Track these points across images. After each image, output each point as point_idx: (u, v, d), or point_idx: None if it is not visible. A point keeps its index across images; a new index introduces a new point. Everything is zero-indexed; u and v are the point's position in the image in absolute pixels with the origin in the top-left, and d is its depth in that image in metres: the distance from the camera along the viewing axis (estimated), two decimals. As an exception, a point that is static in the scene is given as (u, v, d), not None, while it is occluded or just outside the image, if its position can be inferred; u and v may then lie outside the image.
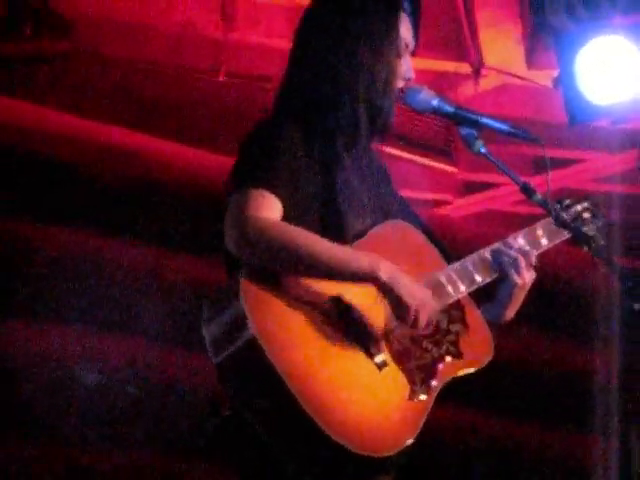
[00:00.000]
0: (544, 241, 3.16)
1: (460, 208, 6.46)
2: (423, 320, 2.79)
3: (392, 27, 2.99)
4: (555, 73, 5.36)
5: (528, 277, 3.07)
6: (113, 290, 5.25)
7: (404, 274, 2.79)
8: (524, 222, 3.22)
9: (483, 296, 3.10)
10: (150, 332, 5.27)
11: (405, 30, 3.03)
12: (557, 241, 3.18)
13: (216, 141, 5.15)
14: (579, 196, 3.28)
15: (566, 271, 5.73)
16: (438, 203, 6.45)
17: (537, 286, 3.11)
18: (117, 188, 5.31)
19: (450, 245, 3.13)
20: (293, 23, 3.08)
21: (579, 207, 3.26)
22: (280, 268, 2.73)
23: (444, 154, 6.05)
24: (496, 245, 3.10)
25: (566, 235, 3.17)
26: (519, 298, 3.09)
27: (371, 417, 2.73)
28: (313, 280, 2.76)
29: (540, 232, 3.16)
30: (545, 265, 3.19)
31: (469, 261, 3.03)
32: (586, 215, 3.26)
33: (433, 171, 6.09)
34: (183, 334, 5.20)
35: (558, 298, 5.91)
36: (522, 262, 3.06)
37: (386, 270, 2.76)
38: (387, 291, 2.77)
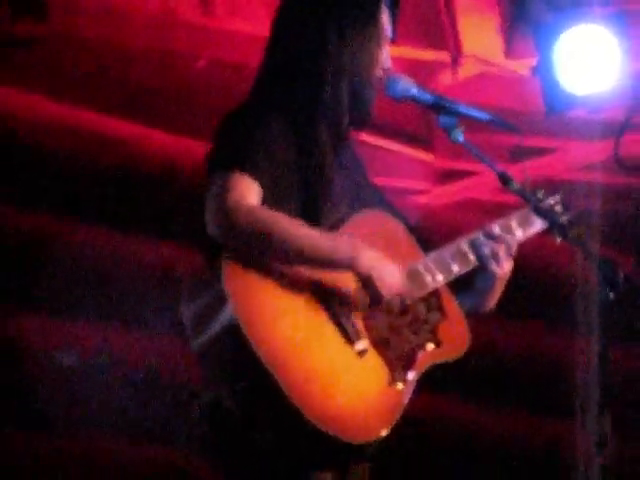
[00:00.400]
0: (519, 233, 3.18)
1: (439, 196, 6.47)
2: (395, 302, 2.82)
3: (374, 17, 3.00)
4: (534, 62, 5.37)
5: (507, 267, 3.09)
6: (93, 276, 5.24)
7: (383, 260, 2.82)
8: (503, 210, 3.24)
9: (462, 286, 3.12)
10: (132, 318, 5.26)
11: (385, 20, 3.05)
12: (531, 232, 3.21)
13: (193, 127, 5.14)
14: (551, 189, 3.30)
15: (543, 260, 5.75)
16: (416, 191, 6.45)
17: (515, 275, 3.14)
18: (91, 173, 5.28)
19: (429, 233, 3.15)
20: (274, 10, 3.07)
21: (551, 200, 3.29)
22: (263, 253, 2.74)
23: (422, 142, 6.06)
24: (475, 235, 3.12)
25: (539, 227, 3.19)
26: (499, 288, 3.12)
27: (351, 404, 2.74)
28: (294, 265, 2.77)
29: (514, 223, 3.18)
30: (522, 254, 3.21)
31: (447, 251, 3.05)
32: (558, 208, 3.29)
33: (411, 159, 6.09)
34: (166, 321, 5.20)
35: (535, 286, 5.94)
36: (501, 252, 3.08)
37: (364, 261, 2.79)
38: (364, 280, 2.80)
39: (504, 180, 3.05)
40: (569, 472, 5.94)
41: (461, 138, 3.07)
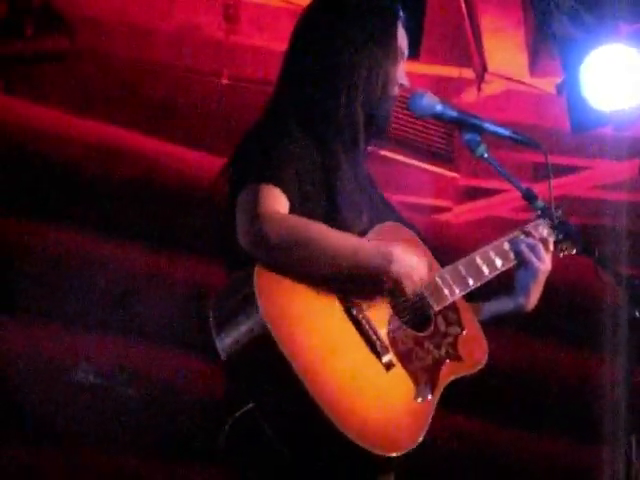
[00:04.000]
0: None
1: (461, 214, 6.45)
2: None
3: (389, 35, 2.99)
4: (558, 80, 5.34)
5: (549, 261, 3.09)
6: (111, 290, 5.24)
7: (411, 257, 2.83)
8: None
9: (503, 291, 3.11)
10: (148, 333, 5.26)
11: (401, 38, 3.03)
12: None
13: (218, 144, 5.13)
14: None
15: (569, 280, 5.71)
16: (439, 209, 6.44)
17: (541, 296, 3.12)
18: (116, 188, 5.30)
19: (450, 251, 3.14)
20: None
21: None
22: (299, 259, 2.73)
23: (446, 160, 6.04)
24: (514, 234, 3.11)
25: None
26: (541, 284, 3.10)
27: (381, 417, 2.73)
28: (323, 276, 2.76)
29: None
30: (548, 275, 3.18)
31: (461, 264, 3.04)
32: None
33: (434, 177, 6.08)
34: (182, 335, 5.20)
35: (562, 307, 5.89)
36: (541, 248, 3.08)
37: (395, 266, 2.80)
38: (395, 284, 2.81)
39: (529, 198, 3.03)
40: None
41: (485, 155, 3.05)
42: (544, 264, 3.08)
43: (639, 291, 2.76)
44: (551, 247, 3.12)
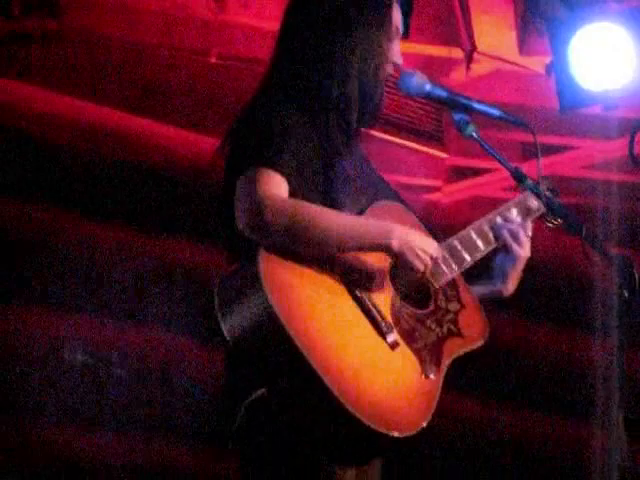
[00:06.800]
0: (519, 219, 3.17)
1: (450, 194, 6.45)
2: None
3: (385, 12, 2.98)
4: (547, 59, 5.34)
5: (528, 248, 3.10)
6: (98, 272, 5.24)
7: (413, 233, 2.84)
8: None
9: (482, 273, 3.12)
10: (144, 317, 5.27)
11: (395, 15, 3.02)
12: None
13: (205, 123, 5.12)
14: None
15: (560, 261, 5.73)
16: (428, 189, 6.44)
17: (533, 277, 3.13)
18: (103, 168, 5.29)
19: (439, 231, 3.14)
20: (285, 4, 3.05)
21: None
22: (298, 242, 2.74)
23: (435, 139, 6.03)
24: (494, 218, 3.13)
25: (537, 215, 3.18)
26: (520, 270, 3.12)
27: (392, 396, 2.74)
28: (326, 256, 2.77)
29: (515, 211, 3.17)
30: (539, 254, 3.19)
31: (457, 240, 3.05)
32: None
33: (423, 156, 6.07)
34: (171, 317, 5.21)
35: (554, 288, 5.92)
36: (522, 234, 3.09)
37: (397, 240, 2.80)
38: (400, 251, 2.82)
39: (517, 177, 3.03)
40: (586, 472, 5.92)
41: (474, 134, 3.04)
42: (524, 251, 3.09)
43: (628, 271, 2.77)
44: (530, 233, 3.12)
